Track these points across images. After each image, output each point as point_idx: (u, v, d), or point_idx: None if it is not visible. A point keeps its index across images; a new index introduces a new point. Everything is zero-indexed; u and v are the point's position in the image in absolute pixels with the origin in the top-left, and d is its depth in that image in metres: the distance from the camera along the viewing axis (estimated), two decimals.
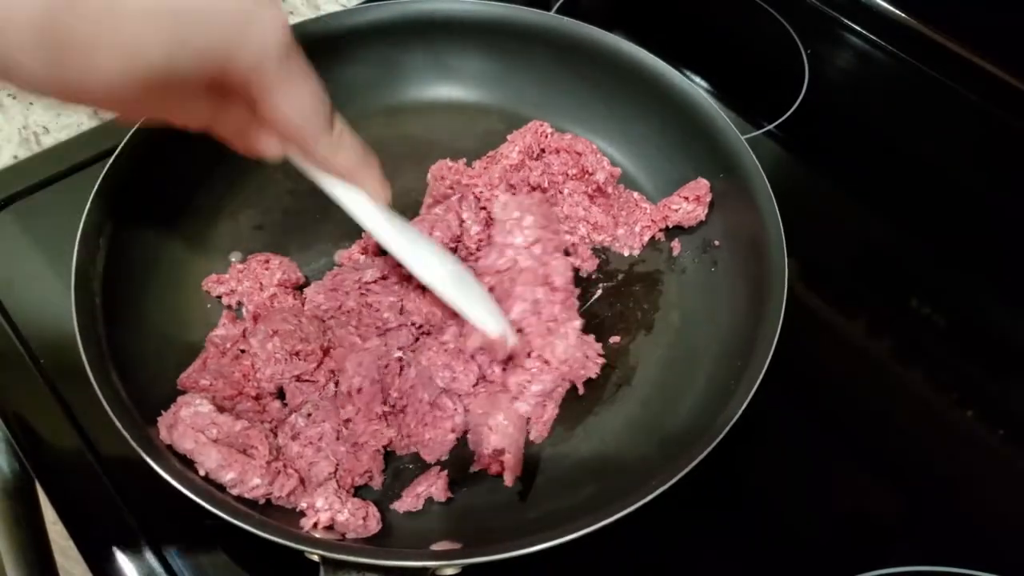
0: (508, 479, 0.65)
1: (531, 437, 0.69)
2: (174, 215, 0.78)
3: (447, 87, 0.94)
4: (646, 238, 0.83)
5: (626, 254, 0.83)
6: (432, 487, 0.64)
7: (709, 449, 0.59)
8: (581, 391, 0.72)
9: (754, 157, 0.77)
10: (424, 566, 0.54)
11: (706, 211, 0.81)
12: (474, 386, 0.69)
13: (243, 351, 0.69)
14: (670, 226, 0.83)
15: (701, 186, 0.82)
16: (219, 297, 0.76)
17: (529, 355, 0.69)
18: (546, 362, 0.69)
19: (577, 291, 0.76)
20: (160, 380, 0.68)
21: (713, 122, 0.82)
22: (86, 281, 0.66)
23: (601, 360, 0.72)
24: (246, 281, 0.75)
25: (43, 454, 0.67)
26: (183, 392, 0.67)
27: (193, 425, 0.61)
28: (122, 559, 0.62)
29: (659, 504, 0.56)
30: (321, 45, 0.87)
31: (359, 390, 0.67)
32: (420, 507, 0.64)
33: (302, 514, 0.62)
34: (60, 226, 0.78)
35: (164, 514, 0.64)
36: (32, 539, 0.67)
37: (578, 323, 0.71)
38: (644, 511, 0.56)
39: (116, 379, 0.62)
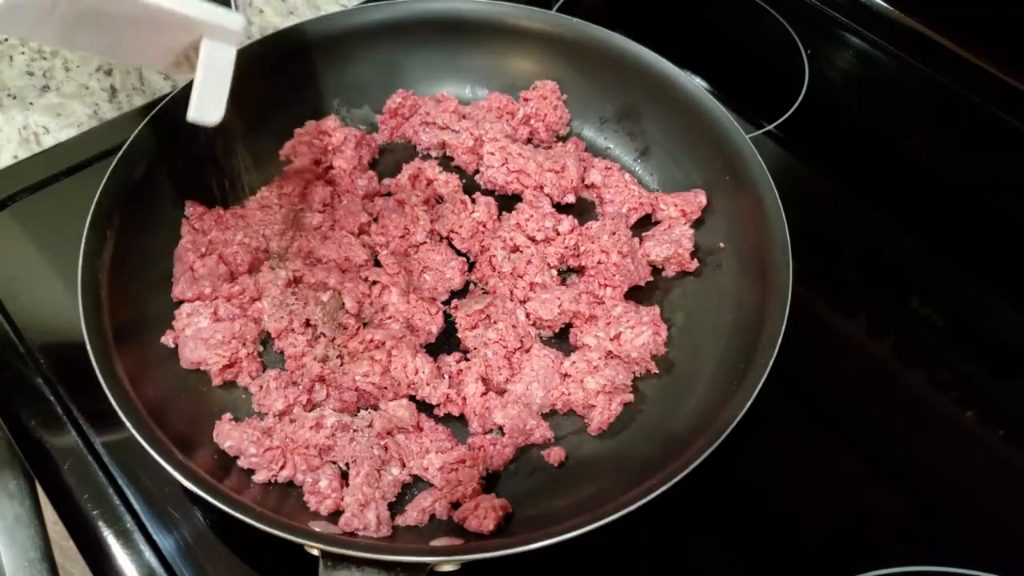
0: None
1: (590, 429, 0.70)
2: (181, 208, 0.78)
3: (448, 86, 0.94)
4: (632, 220, 0.84)
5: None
6: (437, 503, 0.64)
7: (710, 450, 0.59)
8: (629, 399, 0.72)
9: (761, 160, 0.77)
10: (423, 562, 0.54)
11: (689, 225, 0.82)
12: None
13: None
14: (656, 220, 0.84)
15: (693, 201, 0.82)
16: None
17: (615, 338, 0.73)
18: (618, 350, 0.73)
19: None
20: (167, 373, 0.69)
21: (719, 123, 0.82)
22: (93, 274, 0.67)
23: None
24: None
25: (43, 454, 0.67)
26: (188, 389, 0.68)
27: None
28: (121, 559, 0.62)
29: (659, 504, 0.56)
30: (321, 45, 0.88)
31: None
32: (425, 522, 0.63)
33: (305, 508, 0.62)
34: (60, 226, 0.79)
35: (164, 513, 0.64)
36: (32, 539, 0.67)
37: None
38: (644, 511, 0.56)
39: (121, 373, 0.62)
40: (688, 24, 1.14)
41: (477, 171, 0.88)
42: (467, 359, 0.73)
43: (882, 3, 1.12)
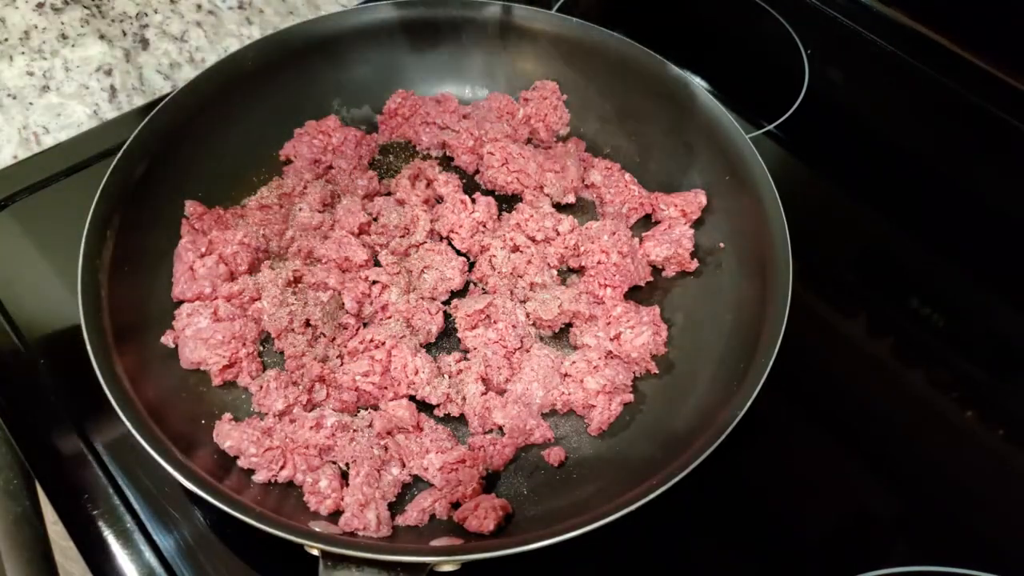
0: None
1: (590, 429, 0.70)
2: (181, 208, 0.78)
3: (449, 86, 0.94)
4: (632, 220, 0.84)
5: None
6: (437, 503, 0.64)
7: (710, 450, 0.59)
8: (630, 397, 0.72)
9: (761, 160, 0.77)
10: (423, 562, 0.54)
11: (689, 225, 0.82)
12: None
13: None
14: (656, 220, 0.84)
15: (693, 201, 0.82)
16: None
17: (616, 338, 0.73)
18: (618, 350, 0.73)
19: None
20: (167, 373, 0.69)
21: (719, 123, 0.82)
22: (93, 274, 0.67)
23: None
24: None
25: (43, 454, 0.67)
26: (188, 389, 0.68)
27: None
28: (121, 559, 0.62)
29: (659, 504, 0.56)
30: (321, 45, 0.88)
31: None
32: (425, 521, 0.63)
33: (305, 508, 0.62)
34: (60, 226, 0.79)
35: (164, 513, 0.64)
36: (32, 539, 0.67)
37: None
38: (644, 511, 0.56)
39: (121, 373, 0.62)
40: (688, 24, 1.14)
41: (477, 171, 0.88)
42: (467, 359, 0.73)
43: (882, 3, 1.12)
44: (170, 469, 0.56)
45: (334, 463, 0.65)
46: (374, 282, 0.75)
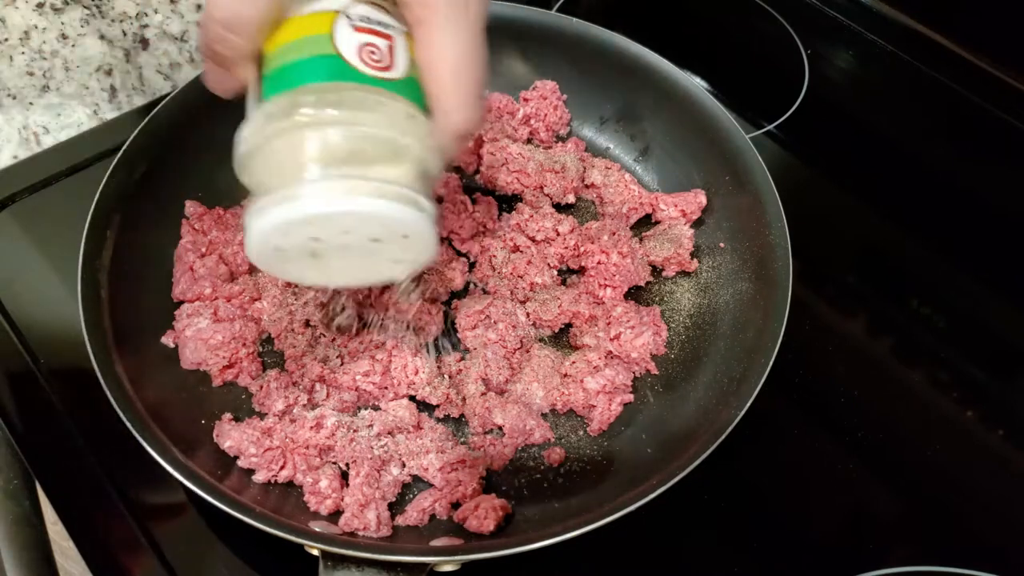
0: None
1: (590, 429, 0.70)
2: (181, 208, 0.78)
3: None
4: (632, 220, 0.84)
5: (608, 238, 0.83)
6: (437, 503, 0.64)
7: (710, 451, 0.59)
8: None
9: (761, 161, 0.77)
10: (424, 562, 0.54)
11: (689, 225, 0.82)
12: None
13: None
14: (656, 220, 0.84)
15: (693, 201, 0.82)
16: None
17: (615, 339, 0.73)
18: (618, 350, 0.73)
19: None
20: (167, 373, 0.69)
21: (719, 123, 0.82)
22: (93, 273, 0.67)
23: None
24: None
25: (43, 454, 0.67)
26: (188, 389, 0.68)
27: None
28: (121, 559, 0.62)
29: (659, 504, 0.56)
30: None
31: None
32: (425, 522, 0.63)
33: (306, 508, 0.62)
34: (60, 226, 0.79)
35: (164, 513, 0.64)
36: (32, 539, 0.67)
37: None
38: (644, 511, 0.56)
39: (121, 373, 0.62)
40: (688, 24, 1.14)
41: (477, 171, 0.88)
42: (467, 359, 0.73)
43: (882, 3, 1.12)
44: (170, 469, 0.56)
45: (334, 463, 0.65)
46: None
